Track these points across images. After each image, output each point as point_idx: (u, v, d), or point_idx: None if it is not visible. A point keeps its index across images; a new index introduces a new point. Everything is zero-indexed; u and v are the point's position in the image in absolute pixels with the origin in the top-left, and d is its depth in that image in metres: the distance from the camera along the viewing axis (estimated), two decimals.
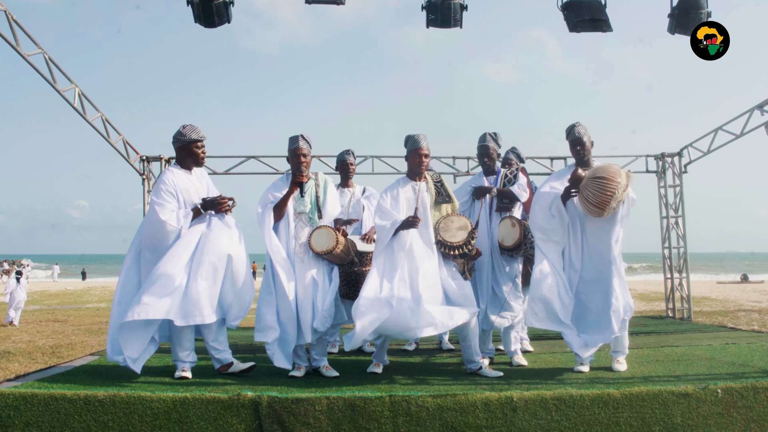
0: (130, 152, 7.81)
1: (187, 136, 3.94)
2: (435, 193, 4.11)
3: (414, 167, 4.08)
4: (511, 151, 5.38)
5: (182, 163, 3.99)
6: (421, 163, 4.05)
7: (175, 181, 3.87)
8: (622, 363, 4.08)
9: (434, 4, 5.46)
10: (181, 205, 3.86)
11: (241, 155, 8.13)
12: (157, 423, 3.17)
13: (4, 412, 3.18)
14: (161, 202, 3.78)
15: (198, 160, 4.01)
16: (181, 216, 3.80)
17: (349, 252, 4.19)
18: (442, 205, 4.10)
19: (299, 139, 4.07)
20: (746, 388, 3.37)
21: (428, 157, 4.08)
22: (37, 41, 5.82)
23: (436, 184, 4.15)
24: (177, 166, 3.99)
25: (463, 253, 3.90)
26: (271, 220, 3.94)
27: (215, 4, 5.26)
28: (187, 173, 3.97)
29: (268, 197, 4.03)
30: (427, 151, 4.05)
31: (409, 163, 4.11)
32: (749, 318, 10.76)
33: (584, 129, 4.15)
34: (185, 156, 3.98)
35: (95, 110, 7.00)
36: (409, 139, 4.08)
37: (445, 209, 4.10)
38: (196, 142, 3.95)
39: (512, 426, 3.19)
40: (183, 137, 3.94)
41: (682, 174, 8.59)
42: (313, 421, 3.19)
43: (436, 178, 4.19)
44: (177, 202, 3.84)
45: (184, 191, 3.89)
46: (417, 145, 4.02)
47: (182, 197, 3.87)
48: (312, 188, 4.13)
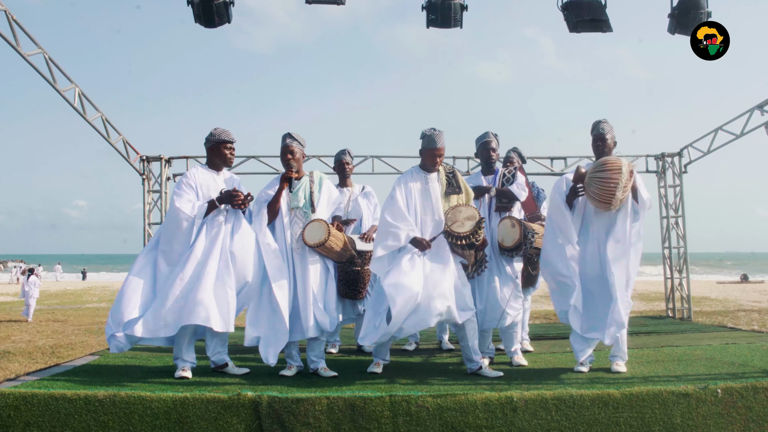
0: (130, 152, 7.81)
1: (217, 136, 4.10)
2: (446, 183, 4.12)
3: (429, 165, 4.11)
4: (513, 151, 5.37)
5: (211, 163, 4.14)
6: (435, 162, 4.09)
7: (198, 176, 4.03)
8: (622, 366, 4.07)
9: (434, 4, 5.46)
10: (199, 199, 3.96)
11: (241, 155, 8.14)
12: (157, 423, 3.17)
13: (4, 412, 3.18)
14: (180, 192, 3.93)
15: (226, 161, 4.14)
16: (195, 206, 3.89)
17: (347, 249, 4.19)
18: (452, 195, 4.11)
19: (287, 138, 4.17)
20: (746, 388, 3.37)
21: (443, 156, 4.12)
22: (37, 41, 5.82)
23: (447, 175, 4.16)
24: (204, 166, 4.15)
25: (470, 243, 3.89)
26: (266, 217, 4.03)
27: (215, 4, 5.27)
28: (213, 173, 4.11)
29: (262, 196, 4.11)
30: (443, 151, 4.08)
31: (423, 158, 4.12)
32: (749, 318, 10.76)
33: (609, 126, 4.18)
34: (214, 156, 4.12)
35: (95, 110, 7.00)
36: (425, 136, 4.07)
37: (455, 200, 4.10)
38: (225, 143, 4.09)
39: (512, 426, 3.19)
40: (213, 137, 4.10)
41: (682, 174, 8.59)
42: (313, 421, 3.19)
43: (448, 170, 4.20)
44: (195, 194, 3.96)
45: (205, 187, 4.00)
46: (433, 144, 4.03)
47: (202, 192, 3.98)
48: (306, 184, 4.17)
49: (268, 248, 3.97)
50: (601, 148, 4.14)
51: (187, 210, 3.86)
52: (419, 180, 4.10)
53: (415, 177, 4.11)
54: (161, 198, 8.04)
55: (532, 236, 4.33)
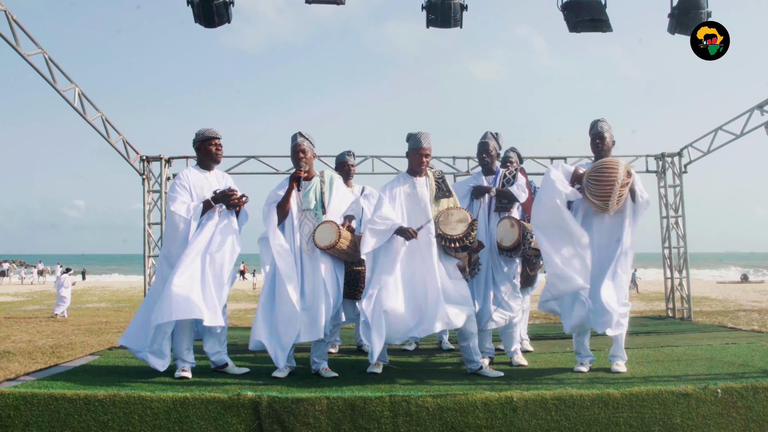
0: (130, 152, 7.81)
1: (202, 134, 4.13)
2: (435, 188, 4.11)
3: (415, 166, 4.08)
4: (512, 150, 5.37)
5: (201, 163, 4.18)
6: (421, 163, 4.05)
7: (190, 177, 4.06)
8: (621, 366, 4.06)
9: (434, 4, 5.45)
10: (194, 199, 3.99)
11: (241, 155, 8.14)
12: (157, 423, 3.17)
13: (4, 412, 3.18)
14: (173, 195, 3.97)
15: (214, 157, 4.15)
16: (190, 207, 3.92)
17: (357, 248, 4.17)
18: (442, 200, 4.10)
19: (298, 137, 4.14)
20: (746, 388, 3.37)
21: (429, 156, 4.08)
22: (37, 41, 5.82)
23: (437, 180, 4.15)
24: (196, 167, 4.18)
25: (463, 245, 3.88)
26: (275, 217, 3.99)
27: (215, 4, 5.27)
28: (205, 173, 4.13)
29: (272, 196, 4.09)
30: (429, 151, 4.05)
31: (410, 160, 4.11)
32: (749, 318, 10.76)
33: (607, 126, 4.17)
34: (203, 155, 4.15)
35: (95, 110, 7.00)
36: (411, 137, 4.08)
37: (444, 204, 4.09)
38: (211, 139, 4.12)
39: (512, 426, 3.19)
40: (197, 136, 4.14)
41: (682, 174, 8.59)
42: (313, 421, 3.19)
43: (437, 175, 4.18)
44: (189, 195, 3.99)
45: (198, 187, 4.03)
46: (419, 144, 4.02)
47: (196, 192, 4.02)
48: (317, 185, 4.14)
49: (280, 249, 3.93)
50: (600, 147, 4.14)
51: (182, 212, 3.90)
52: (406, 184, 4.08)
53: (401, 182, 4.10)
54: (161, 198, 8.04)
55: (531, 237, 4.33)
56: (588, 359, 4.18)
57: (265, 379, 3.82)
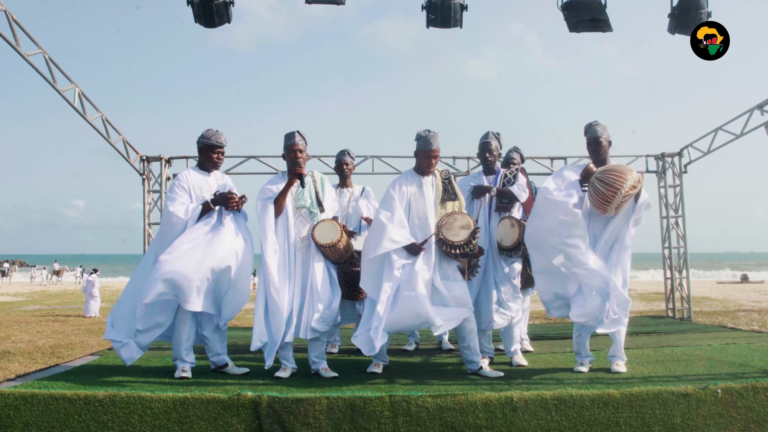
0: (130, 152, 7.80)
1: (207, 139, 4.09)
2: (442, 189, 4.10)
3: (423, 166, 4.07)
4: (515, 150, 5.36)
5: (201, 165, 4.16)
6: (430, 164, 4.05)
7: (190, 178, 4.03)
8: (621, 366, 4.06)
9: (434, 4, 5.45)
10: (193, 201, 3.96)
11: (241, 155, 8.14)
12: (157, 423, 3.17)
13: (4, 412, 3.18)
14: (173, 196, 3.95)
15: (214, 163, 4.13)
16: (189, 209, 3.90)
17: (349, 250, 4.19)
18: (448, 202, 4.08)
19: (295, 135, 4.10)
20: (746, 388, 3.37)
21: (438, 157, 4.08)
22: (37, 41, 5.81)
23: (444, 181, 4.13)
24: (196, 168, 4.16)
25: (464, 252, 3.88)
26: (272, 213, 3.94)
27: (215, 4, 5.26)
28: (204, 174, 4.11)
29: (266, 192, 4.03)
30: (438, 152, 4.04)
31: (418, 160, 4.09)
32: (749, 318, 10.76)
33: (602, 128, 4.14)
34: (203, 158, 4.14)
35: (95, 110, 6.99)
36: (420, 137, 4.04)
37: (450, 207, 4.08)
38: (214, 147, 4.09)
39: (512, 426, 3.19)
40: (202, 140, 4.10)
41: (682, 174, 8.58)
42: (313, 421, 3.19)
43: (444, 175, 4.16)
44: (189, 197, 3.97)
45: (197, 188, 4.01)
46: (428, 146, 3.99)
47: (195, 194, 3.99)
48: (310, 184, 4.15)
49: (274, 246, 3.91)
50: (597, 150, 4.12)
51: (181, 214, 3.87)
52: (414, 183, 4.07)
53: (409, 180, 4.08)
54: (161, 198, 8.04)
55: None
56: (588, 359, 4.18)
57: (265, 379, 3.82)
